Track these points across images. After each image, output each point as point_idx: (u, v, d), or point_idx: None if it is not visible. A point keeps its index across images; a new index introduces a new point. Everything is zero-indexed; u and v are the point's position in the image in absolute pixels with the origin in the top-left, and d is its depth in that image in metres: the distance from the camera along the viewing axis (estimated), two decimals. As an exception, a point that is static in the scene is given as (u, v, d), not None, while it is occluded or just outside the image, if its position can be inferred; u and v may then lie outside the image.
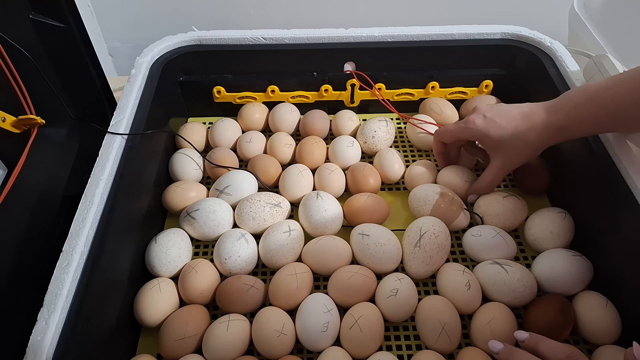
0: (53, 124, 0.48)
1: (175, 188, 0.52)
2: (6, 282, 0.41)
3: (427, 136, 0.59)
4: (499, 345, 0.35)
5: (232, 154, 0.58)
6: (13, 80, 0.43)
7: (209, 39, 0.59)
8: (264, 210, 0.50)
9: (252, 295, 0.44)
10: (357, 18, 0.92)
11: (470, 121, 0.48)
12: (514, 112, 0.45)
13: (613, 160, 0.45)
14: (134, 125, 0.49)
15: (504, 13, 0.92)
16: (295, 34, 0.59)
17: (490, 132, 0.46)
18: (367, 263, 0.47)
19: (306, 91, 0.63)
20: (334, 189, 0.54)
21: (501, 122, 0.45)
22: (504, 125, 0.45)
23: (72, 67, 0.53)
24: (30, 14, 0.47)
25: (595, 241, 0.47)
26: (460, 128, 0.49)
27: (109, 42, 0.97)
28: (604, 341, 0.42)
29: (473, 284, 0.44)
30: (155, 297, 0.44)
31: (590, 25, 0.60)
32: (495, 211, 0.50)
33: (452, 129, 0.50)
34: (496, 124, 0.46)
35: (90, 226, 0.39)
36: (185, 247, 0.48)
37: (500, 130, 0.45)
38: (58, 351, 0.33)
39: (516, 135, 0.45)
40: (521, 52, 0.60)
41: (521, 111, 0.45)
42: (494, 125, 0.46)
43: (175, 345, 0.41)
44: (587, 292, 0.45)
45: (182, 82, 0.61)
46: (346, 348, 0.41)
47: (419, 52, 0.60)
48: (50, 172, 0.49)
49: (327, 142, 0.60)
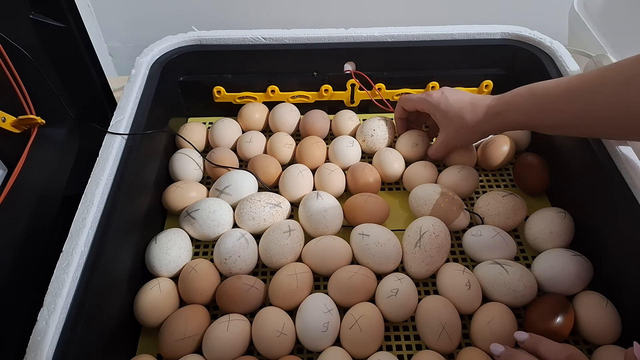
0: (53, 124, 0.48)
1: (175, 188, 0.52)
2: (6, 282, 0.41)
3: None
4: (500, 348, 0.35)
5: (232, 154, 0.58)
6: (13, 80, 0.43)
7: (209, 39, 0.59)
8: (264, 210, 0.50)
9: (252, 295, 0.44)
10: (357, 18, 0.92)
11: (429, 94, 0.52)
12: (467, 97, 0.50)
13: (613, 160, 0.45)
14: (134, 125, 0.49)
15: (504, 13, 0.92)
16: (295, 34, 0.59)
17: (440, 106, 0.51)
18: (367, 263, 0.47)
19: (306, 91, 0.63)
20: (334, 189, 0.54)
21: (452, 101, 0.50)
22: (452, 103, 0.50)
23: (72, 67, 0.53)
24: (30, 14, 0.47)
25: (595, 241, 0.47)
26: (420, 99, 0.54)
27: (109, 42, 0.97)
28: (604, 341, 0.42)
29: (473, 283, 0.44)
30: (155, 297, 0.44)
31: (590, 25, 0.60)
32: (495, 211, 0.50)
33: (413, 98, 0.55)
34: (447, 100, 0.50)
35: (90, 226, 0.39)
36: (185, 247, 0.48)
37: (447, 107, 0.50)
38: (58, 351, 0.33)
39: (458, 114, 0.50)
40: (521, 52, 0.60)
41: (472, 98, 0.50)
42: (445, 102, 0.51)
43: (175, 345, 0.41)
44: (587, 292, 0.45)
45: (182, 82, 0.61)
46: (346, 348, 0.41)
47: (419, 52, 0.60)
48: (50, 172, 0.49)
49: (327, 142, 0.60)
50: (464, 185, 0.54)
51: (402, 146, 0.58)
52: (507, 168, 0.59)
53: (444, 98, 0.51)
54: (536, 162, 0.55)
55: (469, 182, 0.54)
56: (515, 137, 0.59)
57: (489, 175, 0.59)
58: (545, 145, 0.57)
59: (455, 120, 0.50)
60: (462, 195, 0.54)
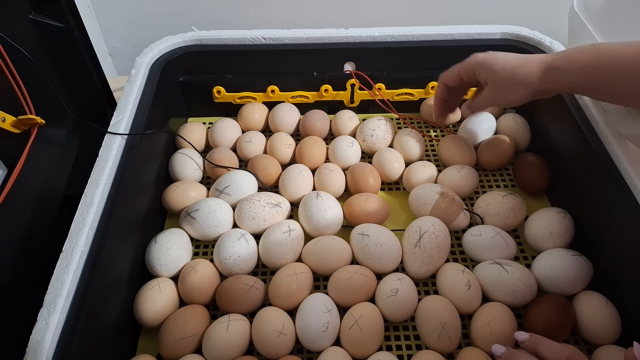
0: (53, 124, 0.48)
1: (175, 188, 0.52)
2: (6, 282, 0.41)
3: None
4: (502, 349, 0.35)
5: (232, 154, 0.58)
6: (13, 80, 0.43)
7: (209, 39, 0.59)
8: (264, 210, 0.50)
9: (252, 295, 0.44)
10: (357, 18, 0.92)
11: (473, 55, 0.49)
12: (517, 56, 0.46)
13: (613, 160, 0.45)
14: (134, 125, 0.49)
15: (504, 13, 0.92)
16: (295, 34, 0.59)
17: (486, 61, 0.47)
18: (367, 263, 0.47)
19: (306, 91, 0.63)
20: (334, 189, 0.54)
21: (500, 57, 0.47)
22: (502, 58, 0.46)
23: (72, 67, 0.53)
24: (30, 14, 0.47)
25: (595, 241, 0.47)
26: (463, 63, 0.50)
27: (109, 42, 0.97)
28: (604, 341, 0.42)
29: (473, 283, 0.44)
30: (155, 297, 0.44)
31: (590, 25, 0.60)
32: (495, 210, 0.50)
33: (454, 68, 0.51)
34: (495, 57, 0.47)
35: (90, 226, 0.39)
36: (185, 247, 0.48)
37: (494, 61, 0.47)
38: (58, 351, 0.33)
39: (506, 67, 0.46)
40: (521, 52, 0.59)
41: (522, 56, 0.46)
42: (491, 57, 0.47)
43: (175, 345, 0.41)
44: (587, 292, 0.45)
45: (182, 82, 0.61)
46: (346, 348, 0.41)
47: (419, 52, 0.60)
48: (50, 172, 0.49)
49: (327, 142, 0.60)
50: (464, 186, 0.54)
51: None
52: (507, 168, 0.59)
53: (490, 55, 0.47)
54: (536, 162, 0.55)
55: (469, 182, 0.54)
56: (515, 137, 0.59)
57: (489, 175, 0.59)
58: (545, 145, 0.57)
59: (503, 74, 0.46)
60: (462, 195, 0.54)
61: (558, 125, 0.54)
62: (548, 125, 0.56)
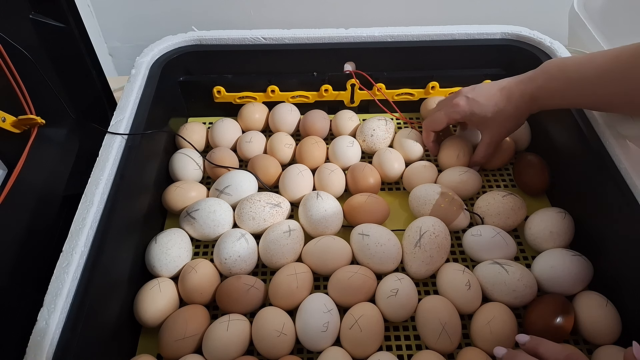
0: (53, 124, 0.48)
1: (175, 188, 0.52)
2: (6, 282, 0.41)
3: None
4: (502, 350, 0.36)
5: (232, 154, 0.58)
6: (13, 80, 0.43)
7: (209, 39, 0.59)
8: (264, 210, 0.50)
9: (252, 295, 0.44)
10: (357, 18, 0.92)
11: (455, 104, 0.52)
12: (493, 90, 0.49)
13: (613, 160, 0.45)
14: (134, 125, 0.49)
15: (504, 13, 0.92)
16: (295, 34, 0.59)
17: (474, 111, 0.50)
18: (367, 263, 0.47)
19: (306, 91, 0.63)
20: (334, 189, 0.54)
21: (482, 101, 0.50)
22: (485, 103, 0.50)
23: (72, 67, 0.53)
24: (30, 14, 0.47)
25: (595, 241, 0.47)
26: (448, 113, 0.53)
27: (109, 42, 0.97)
28: (604, 341, 0.42)
29: (473, 283, 0.44)
30: (155, 297, 0.44)
31: (590, 25, 0.60)
32: (495, 211, 0.50)
33: (441, 116, 0.54)
34: (478, 103, 0.50)
35: (90, 226, 0.39)
36: (185, 247, 0.48)
37: (482, 109, 0.50)
38: (58, 351, 0.33)
39: (497, 111, 0.49)
40: (521, 52, 0.60)
41: (499, 87, 0.49)
42: (476, 105, 0.50)
43: (175, 345, 0.41)
44: (587, 292, 0.45)
45: (182, 82, 0.61)
46: (346, 348, 0.41)
47: (419, 52, 0.60)
48: (50, 172, 0.49)
49: (327, 142, 0.60)
50: (464, 189, 0.54)
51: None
52: (507, 168, 0.59)
53: (472, 102, 0.50)
54: (536, 162, 0.55)
55: (470, 185, 0.54)
56: (515, 137, 0.59)
57: (489, 175, 0.59)
58: (545, 145, 0.57)
59: (498, 118, 0.50)
60: (463, 197, 0.54)
61: (558, 125, 0.54)
62: (548, 125, 0.56)
